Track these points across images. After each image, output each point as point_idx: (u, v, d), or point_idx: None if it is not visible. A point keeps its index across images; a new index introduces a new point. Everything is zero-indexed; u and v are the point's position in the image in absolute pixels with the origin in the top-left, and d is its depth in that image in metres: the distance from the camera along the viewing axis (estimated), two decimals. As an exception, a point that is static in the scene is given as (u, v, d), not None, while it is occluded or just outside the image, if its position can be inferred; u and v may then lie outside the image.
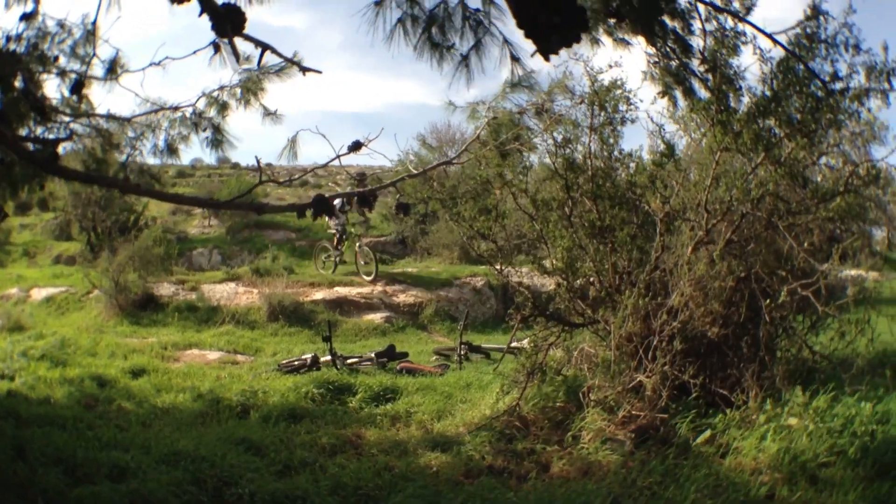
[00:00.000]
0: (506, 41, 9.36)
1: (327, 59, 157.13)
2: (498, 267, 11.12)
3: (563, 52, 10.60)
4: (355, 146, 9.07)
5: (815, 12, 9.77)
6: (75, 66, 11.37)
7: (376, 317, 22.89)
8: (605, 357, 9.99)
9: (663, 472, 8.11)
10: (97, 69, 11.44)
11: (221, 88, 11.59)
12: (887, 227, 51.68)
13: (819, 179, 11.14)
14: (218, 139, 12.04)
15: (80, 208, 32.92)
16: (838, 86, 9.88)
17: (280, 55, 10.17)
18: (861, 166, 10.62)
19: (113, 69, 11.51)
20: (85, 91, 11.51)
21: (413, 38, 9.21)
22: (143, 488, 7.62)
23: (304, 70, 10.50)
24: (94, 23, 10.83)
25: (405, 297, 24.34)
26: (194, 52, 10.06)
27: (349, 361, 14.90)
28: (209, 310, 22.45)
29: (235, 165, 52.99)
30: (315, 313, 22.24)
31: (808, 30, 9.77)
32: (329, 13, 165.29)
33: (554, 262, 11.12)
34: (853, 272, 14.79)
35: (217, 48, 9.94)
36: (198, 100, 11.76)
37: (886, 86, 9.85)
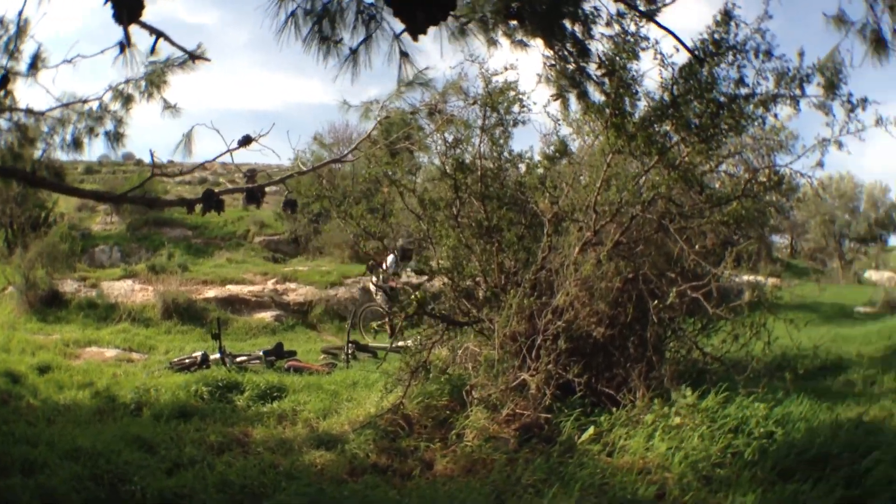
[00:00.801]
0: (396, 37, 8.98)
1: (235, 56, 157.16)
2: (382, 264, 11.17)
3: (460, 53, 10.14)
4: (245, 141, 8.78)
5: (727, 18, 9.64)
6: (3, 61, 11.15)
7: (267, 315, 22.66)
8: (488, 356, 9.76)
9: (547, 470, 7.89)
10: (23, 64, 11.23)
11: (127, 82, 11.08)
12: (790, 234, 52.53)
13: (718, 185, 11.23)
14: (119, 133, 11.66)
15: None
16: (743, 91, 9.79)
17: (173, 42, 9.89)
18: (762, 172, 10.64)
19: (35, 64, 11.22)
20: (10, 86, 11.25)
21: (304, 31, 8.80)
22: (48, 483, 7.57)
23: (194, 57, 10.28)
24: (19, 13, 10.57)
25: (295, 295, 24.12)
26: (101, 52, 9.71)
27: (238, 359, 14.55)
28: (108, 307, 21.98)
29: (139, 162, 52.20)
30: (207, 311, 21.91)
31: (717, 35, 9.64)
32: (238, 11, 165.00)
33: (440, 261, 10.98)
34: (752, 277, 14.87)
35: (122, 47, 9.46)
36: (104, 93, 11.37)
37: (798, 92, 9.79)
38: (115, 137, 11.70)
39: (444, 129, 10.85)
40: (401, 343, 12.10)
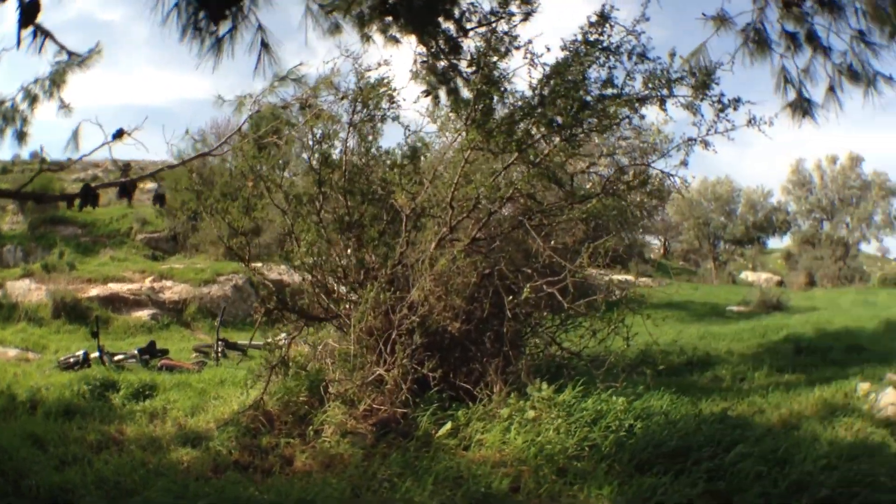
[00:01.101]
0: (260, 27, 8.88)
1: (134, 52, 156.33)
2: (246, 260, 10.67)
3: (335, 49, 10.10)
4: (118, 135, 8.50)
5: (602, 19, 9.53)
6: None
7: (144, 314, 22.41)
8: (343, 351, 9.68)
9: (403, 464, 7.77)
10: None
11: (36, 81, 10.88)
12: (664, 235, 53.19)
13: (589, 187, 11.23)
14: (24, 132, 11.30)
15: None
16: (611, 91, 9.67)
17: (58, 43, 9.83)
18: (628, 171, 10.70)
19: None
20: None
21: (182, 21, 8.52)
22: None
23: (70, 53, 10.14)
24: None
25: (171, 293, 23.88)
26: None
27: (116, 358, 14.34)
28: (10, 307, 21.73)
29: (43, 160, 51.84)
30: (91, 310, 21.52)
31: (591, 36, 9.53)
32: (140, 7, 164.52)
33: (302, 257, 10.60)
34: (623, 276, 14.83)
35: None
36: (18, 93, 11.03)
37: (666, 92, 9.70)
38: (20, 136, 11.39)
39: (313, 123, 10.60)
40: (270, 340, 11.64)
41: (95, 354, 14.11)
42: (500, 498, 6.87)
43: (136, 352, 14.66)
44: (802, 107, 11.92)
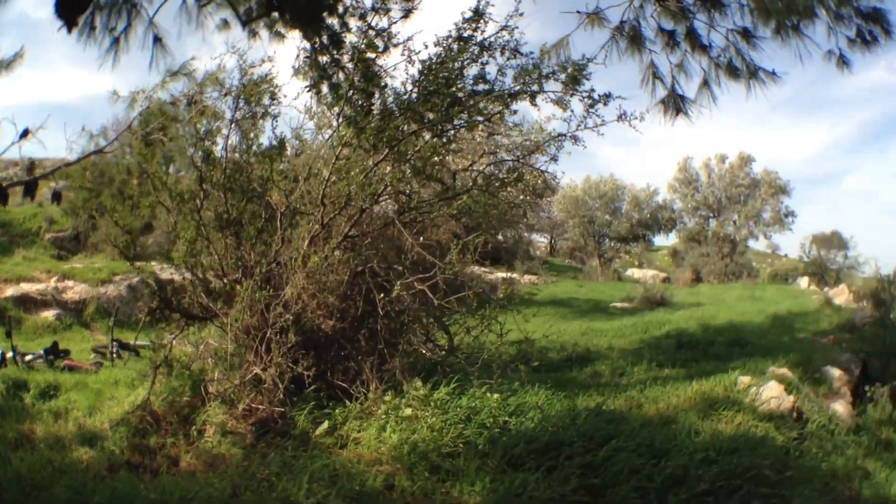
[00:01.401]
0: (151, 22, 8.76)
1: (56, 50, 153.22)
2: (131, 259, 10.53)
3: (222, 44, 10.12)
4: (24, 134, 8.49)
5: (477, 15, 9.43)
6: None
7: (50, 314, 21.70)
8: (221, 350, 9.54)
9: (281, 463, 7.71)
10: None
11: None
12: (550, 233, 53.51)
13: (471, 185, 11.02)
14: None
15: None
16: (483, 87, 9.62)
17: None
18: (503, 168, 10.67)
19: None
20: None
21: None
22: None
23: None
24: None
25: (72, 293, 22.97)
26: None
27: (27, 358, 14.11)
28: None
29: (-32, 162, 50.71)
30: (6, 310, 20.60)
31: (465, 32, 9.42)
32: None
33: (183, 255, 10.38)
34: (507, 274, 14.88)
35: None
36: None
37: (536, 88, 9.59)
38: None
39: (198, 120, 10.44)
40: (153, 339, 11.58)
41: (10, 354, 13.83)
42: (374, 496, 6.84)
43: (42, 352, 14.45)
44: (675, 103, 11.98)
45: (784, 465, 8.73)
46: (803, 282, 39.70)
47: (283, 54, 10.18)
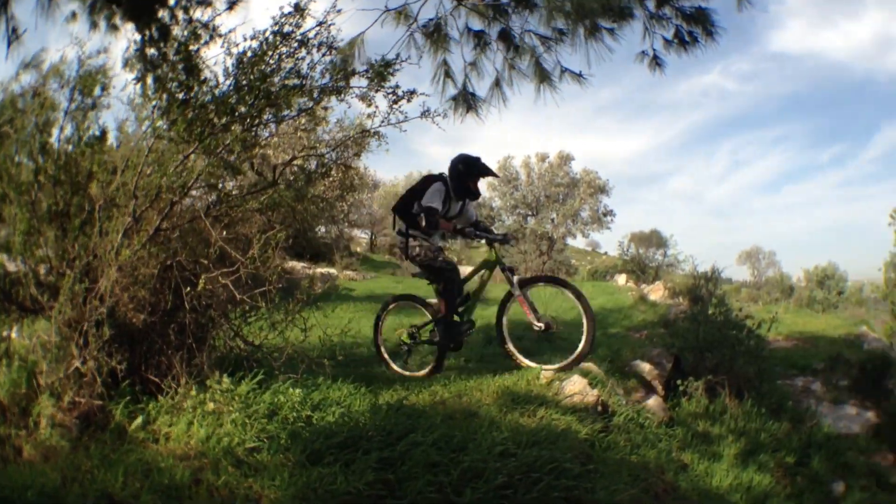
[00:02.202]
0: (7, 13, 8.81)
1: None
2: None
3: (65, 37, 10.22)
4: None
5: (299, 11, 9.60)
6: None
7: None
8: (46, 343, 9.30)
9: (101, 457, 7.72)
10: None
11: None
12: (371, 229, 53.80)
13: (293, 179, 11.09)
14: None
15: None
16: (295, 82, 9.75)
17: None
18: (308, 161, 11.19)
19: None
20: None
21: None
22: None
23: None
24: None
25: None
26: None
27: None
28: None
29: None
30: None
31: (284, 28, 9.62)
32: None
33: (18, 247, 10.38)
34: (327, 270, 14.84)
35: None
36: None
37: (344, 83, 9.90)
38: None
39: (38, 111, 10.34)
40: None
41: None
42: (183, 490, 6.94)
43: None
44: (466, 101, 12.66)
45: (588, 457, 8.99)
46: (621, 279, 40.94)
47: (120, 47, 10.21)
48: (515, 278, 12.08)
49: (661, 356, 17.17)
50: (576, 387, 11.59)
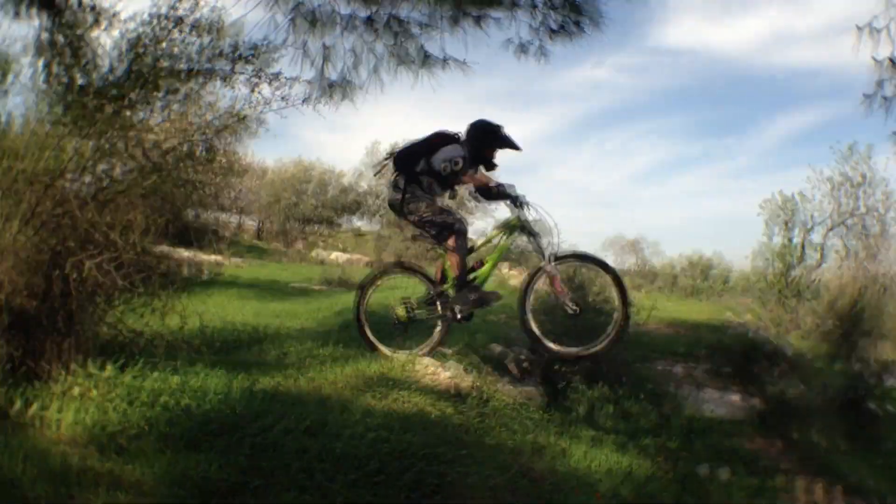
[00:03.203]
0: None
1: None
2: None
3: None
4: None
5: None
6: None
7: None
8: None
9: (4, 443, 7.71)
10: None
11: None
12: (258, 215, 53.59)
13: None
14: None
15: None
16: (183, 66, 10.10)
17: None
18: (191, 145, 10.98)
19: None
20: None
21: None
22: None
23: None
24: None
25: None
26: None
27: None
28: None
29: None
30: None
31: (175, 12, 9.87)
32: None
33: None
34: (211, 257, 14.99)
35: None
36: None
37: (229, 68, 10.29)
38: None
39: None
40: None
41: None
42: (72, 476, 7.09)
43: None
44: (343, 87, 12.87)
45: (462, 443, 9.26)
46: (504, 267, 41.41)
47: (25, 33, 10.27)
48: (548, 251, 11.55)
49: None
50: (451, 372, 11.89)
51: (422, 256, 39.66)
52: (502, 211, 20.02)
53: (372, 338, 12.50)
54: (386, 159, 12.05)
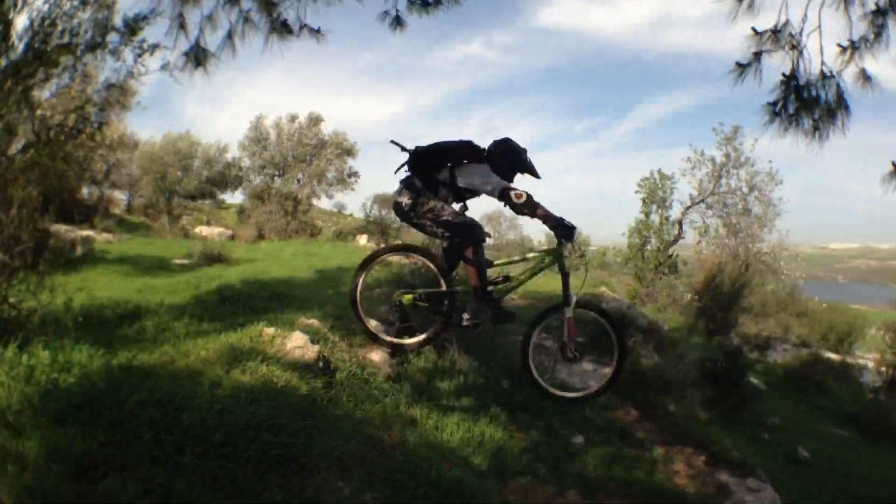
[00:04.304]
0: None
1: None
2: None
3: None
4: None
5: None
6: None
7: None
8: None
9: None
10: None
11: None
12: (129, 190, 53.52)
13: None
14: None
15: None
16: (71, 41, 10.72)
17: None
18: (69, 118, 11.51)
19: None
20: None
21: None
22: None
23: None
24: None
25: None
26: None
27: None
28: None
29: None
30: None
31: None
32: None
33: None
34: (86, 232, 15.37)
35: None
36: None
37: (102, 39, 11.00)
38: None
39: None
40: None
41: None
42: None
43: None
44: (197, 55, 12.89)
45: (309, 413, 9.83)
46: (362, 239, 42.36)
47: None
48: (573, 295, 10.85)
49: (391, 313, 16.80)
50: (297, 343, 12.43)
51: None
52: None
53: (367, 322, 11.62)
54: (404, 163, 11.16)
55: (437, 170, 10.92)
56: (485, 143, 10.77)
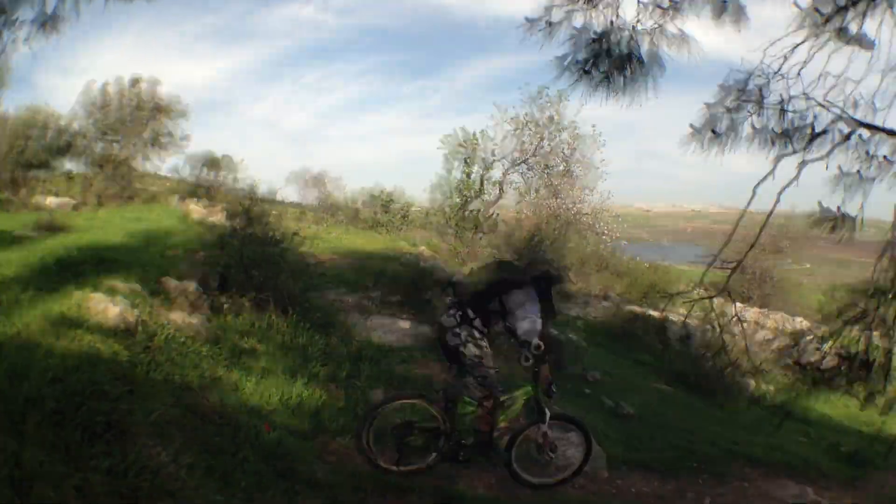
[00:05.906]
0: None
1: None
2: None
3: None
4: None
5: None
6: None
7: None
8: None
9: None
10: None
11: None
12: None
13: None
14: None
15: None
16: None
17: None
18: None
19: None
20: None
21: None
22: None
23: None
24: None
25: None
26: None
27: None
28: None
29: None
30: None
31: None
32: None
33: None
34: None
35: None
36: None
37: None
38: None
39: None
40: None
41: None
42: None
43: None
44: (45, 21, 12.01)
45: (129, 380, 10.08)
46: (191, 203, 42.94)
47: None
48: (548, 412, 11.82)
49: (210, 276, 18.22)
50: (115, 309, 12.96)
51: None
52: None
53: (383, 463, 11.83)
54: (453, 298, 12.21)
55: (488, 300, 11.68)
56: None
